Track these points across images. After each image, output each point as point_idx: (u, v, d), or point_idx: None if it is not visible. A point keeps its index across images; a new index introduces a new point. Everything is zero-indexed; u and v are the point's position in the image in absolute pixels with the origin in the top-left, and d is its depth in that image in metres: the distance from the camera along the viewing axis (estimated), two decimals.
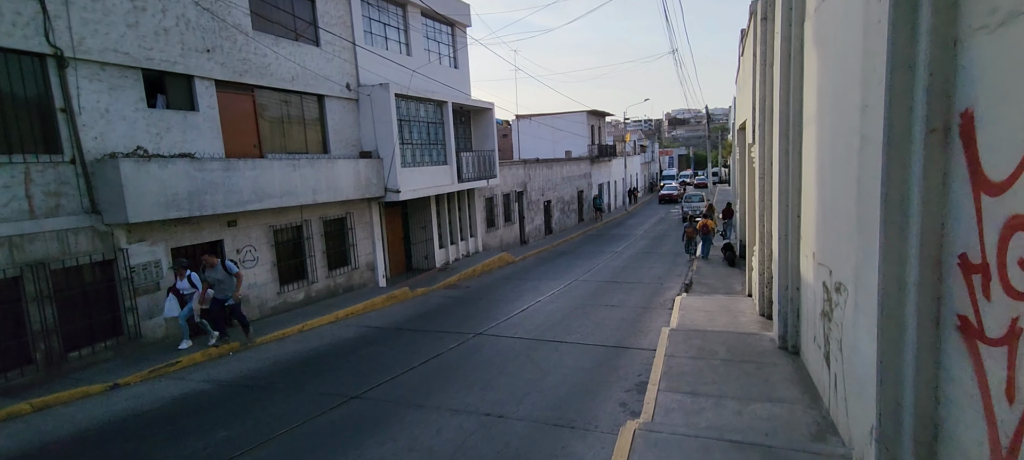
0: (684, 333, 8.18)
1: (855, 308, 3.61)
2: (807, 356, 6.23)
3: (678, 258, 19.31)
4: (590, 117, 39.00)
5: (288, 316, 11.44)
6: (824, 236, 5.25)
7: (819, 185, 5.42)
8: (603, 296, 13.47)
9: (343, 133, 13.88)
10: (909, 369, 2.75)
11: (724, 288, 13.41)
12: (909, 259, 2.73)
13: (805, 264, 6.19)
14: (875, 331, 2.96)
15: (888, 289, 2.85)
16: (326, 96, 13.24)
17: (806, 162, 6.11)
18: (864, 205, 3.33)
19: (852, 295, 3.89)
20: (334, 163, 12.65)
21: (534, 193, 27.15)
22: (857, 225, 3.62)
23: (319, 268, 12.90)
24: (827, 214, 5.12)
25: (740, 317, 9.84)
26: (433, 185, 16.48)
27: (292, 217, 12.16)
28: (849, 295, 4.34)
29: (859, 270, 3.50)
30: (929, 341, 2.67)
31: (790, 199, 6.61)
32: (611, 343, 9.33)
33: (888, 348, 2.87)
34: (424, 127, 16.43)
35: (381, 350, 9.34)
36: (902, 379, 2.81)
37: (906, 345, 2.78)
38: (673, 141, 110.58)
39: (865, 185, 3.32)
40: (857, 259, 3.64)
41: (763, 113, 9.38)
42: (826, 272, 5.14)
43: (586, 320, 11.08)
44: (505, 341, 9.67)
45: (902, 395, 2.82)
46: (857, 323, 3.54)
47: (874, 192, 3.05)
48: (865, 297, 3.31)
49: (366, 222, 14.66)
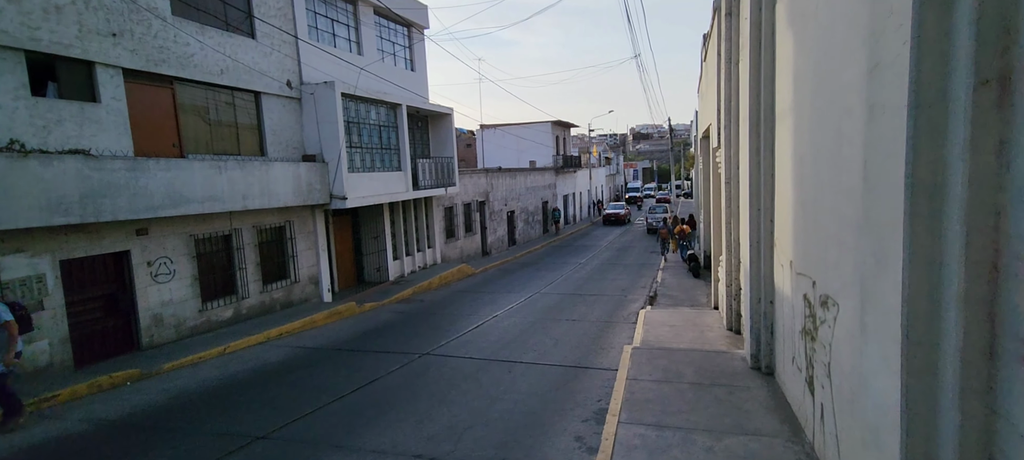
0: (648, 352, 7.42)
1: (862, 331, 2.86)
2: (784, 379, 5.53)
3: (643, 269, 18.80)
4: (555, 127, 38.62)
5: (211, 337, 10.13)
6: (804, 242, 4.55)
7: (797, 183, 4.75)
8: (564, 310, 12.67)
9: (283, 135, 12.70)
10: (949, 416, 2.00)
11: (689, 300, 12.84)
12: (947, 265, 1.99)
13: (780, 274, 5.52)
14: (897, 362, 2.21)
15: (916, 307, 2.10)
16: (263, 93, 12.06)
17: (780, 160, 5.46)
18: (875, 196, 2.59)
19: (853, 314, 3.15)
20: (269, 166, 11.46)
21: (497, 203, 26.31)
22: (860, 224, 2.89)
23: (251, 282, 11.61)
24: (808, 216, 4.42)
25: (707, 332, 9.18)
26: (385, 192, 15.41)
27: (219, 225, 10.88)
28: (840, 311, 3.62)
29: (865, 281, 2.75)
30: (979, 377, 1.92)
31: (762, 202, 5.95)
32: (570, 362, 8.49)
33: (917, 386, 2.11)
34: (375, 130, 15.37)
35: (310, 375, 8.21)
36: (938, 430, 2.06)
37: (943, 383, 2.03)
38: (638, 155, 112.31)
39: (876, 169, 2.59)
40: (860, 267, 2.90)
41: (729, 114, 8.83)
42: (807, 283, 4.44)
43: (545, 336, 10.23)
44: (453, 362, 8.70)
45: (938, 452, 2.06)
46: (865, 351, 2.79)
47: (892, 176, 2.31)
48: (878, 316, 2.56)
49: (309, 231, 13.45)
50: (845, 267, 3.46)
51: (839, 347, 3.64)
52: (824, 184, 3.94)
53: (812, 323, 4.30)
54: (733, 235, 9.02)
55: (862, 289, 2.84)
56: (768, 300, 6.02)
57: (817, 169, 4.12)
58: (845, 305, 3.51)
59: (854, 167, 3.12)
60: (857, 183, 3.01)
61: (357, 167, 14.43)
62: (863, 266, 2.80)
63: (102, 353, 8.79)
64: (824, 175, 3.96)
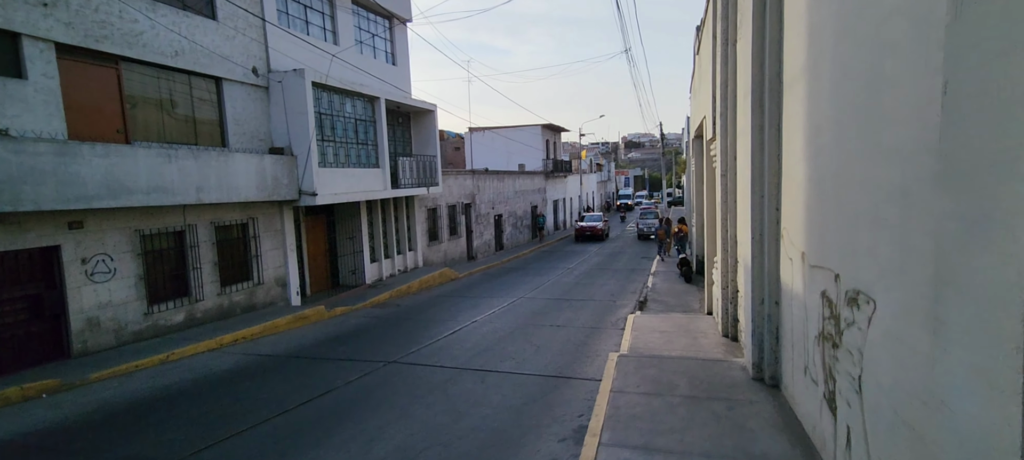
0: (636, 360, 6.59)
1: (935, 332, 2.06)
2: (794, 392, 4.72)
3: (633, 274, 18.05)
4: (545, 131, 37.97)
5: (157, 342, 9.17)
6: (822, 227, 3.77)
7: (812, 158, 3.97)
8: (549, 315, 11.84)
9: (248, 124, 11.80)
10: None
11: (681, 306, 12.07)
12: None
13: (789, 269, 4.73)
14: (1012, 380, 1.42)
15: None
16: (225, 79, 11.18)
17: (789, 135, 4.68)
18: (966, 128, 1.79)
19: (904, 310, 2.36)
20: (229, 157, 10.56)
21: (483, 206, 25.49)
22: (936, 177, 2.09)
23: (207, 283, 10.66)
24: (827, 195, 3.64)
25: (701, 339, 8.38)
26: (361, 189, 14.53)
27: (171, 220, 9.95)
28: (876, 310, 2.82)
29: (947, 258, 1.95)
30: None
31: (766, 187, 5.17)
32: (550, 371, 7.65)
33: None
34: (351, 124, 14.51)
35: (258, 386, 7.29)
36: None
37: None
38: (629, 163, 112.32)
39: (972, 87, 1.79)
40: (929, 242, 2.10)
41: (725, 100, 8.10)
42: (826, 278, 3.65)
43: (525, 343, 9.39)
44: (421, 371, 7.82)
45: None
46: (942, 361, 1.99)
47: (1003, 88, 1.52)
48: (970, 309, 1.76)
49: (275, 230, 12.53)
50: (885, 251, 2.67)
51: (876, 355, 2.84)
52: (852, 152, 3.16)
53: (834, 326, 3.50)
54: (729, 233, 8.25)
55: (937, 271, 2.04)
56: (773, 300, 5.22)
57: (842, 135, 3.34)
58: (885, 301, 2.71)
59: (907, 113, 2.33)
60: (915, 132, 2.23)
61: (330, 162, 13.55)
62: (942, 237, 2.00)
63: (24, 361, 7.81)
64: (852, 140, 3.17)
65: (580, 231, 29.84)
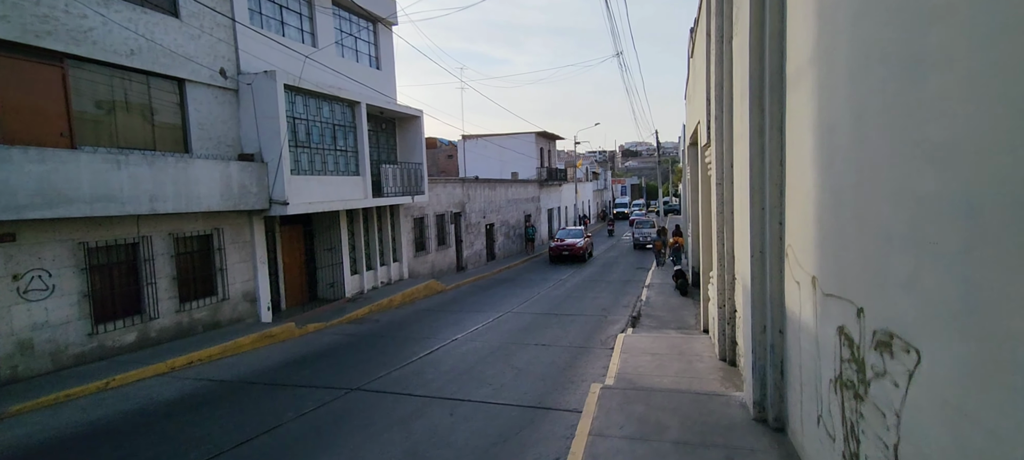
0: (622, 394, 5.84)
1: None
2: (803, 440, 3.99)
3: (627, 286, 17.33)
4: (539, 139, 37.38)
5: (102, 366, 8.38)
6: (839, 248, 3.06)
7: (825, 164, 3.27)
8: (535, 332, 11.10)
9: (214, 129, 11.09)
10: None
11: (676, 321, 11.36)
12: None
13: (795, 295, 4.01)
14: None
15: None
16: (188, 81, 10.47)
17: (795, 138, 3.99)
18: None
19: (1001, 389, 1.63)
20: (188, 163, 9.82)
21: (474, 215, 24.77)
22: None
23: (164, 300, 9.88)
24: (846, 207, 2.94)
25: (696, 363, 7.65)
26: (339, 198, 13.79)
27: (122, 231, 9.19)
28: (921, 363, 2.10)
29: None
30: None
31: (768, 198, 4.47)
32: (529, 401, 6.90)
33: None
34: (329, 130, 13.81)
35: (198, 419, 6.51)
36: None
37: None
38: (626, 172, 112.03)
39: None
40: None
41: (720, 102, 7.44)
42: (845, 311, 2.94)
43: (505, 366, 8.64)
44: (387, 401, 7.06)
45: None
46: None
47: None
48: None
49: (244, 241, 11.77)
50: (934, 285, 1.96)
51: (921, 423, 2.12)
52: (880, 154, 2.46)
53: (856, 373, 2.77)
54: (726, 246, 7.56)
55: None
56: (776, 329, 4.50)
57: (864, 134, 2.64)
58: (936, 353, 1.99)
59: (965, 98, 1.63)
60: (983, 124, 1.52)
61: (304, 169, 12.83)
62: None
63: None
64: (879, 140, 2.47)
65: (555, 251, 23.97)
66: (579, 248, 23.94)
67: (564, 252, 23.95)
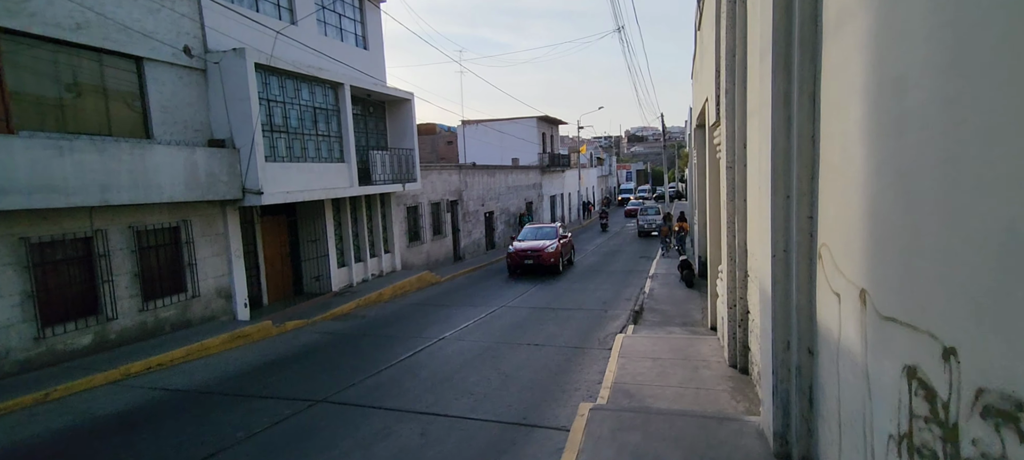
0: (615, 417, 4.98)
1: None
2: None
3: (630, 277, 16.45)
4: (541, 124, 36.30)
5: (49, 374, 7.64)
6: (911, 252, 2.16)
7: (885, 134, 2.35)
8: (529, 330, 10.28)
9: (180, 113, 10.23)
10: None
11: (681, 317, 10.50)
12: None
13: (833, 309, 3.12)
14: None
15: None
16: (147, 60, 9.60)
17: (833, 102, 3.06)
18: None
19: None
20: (146, 150, 8.99)
21: (472, 203, 23.89)
22: None
23: (124, 298, 9.12)
24: (924, 198, 2.03)
25: (702, 370, 6.79)
26: (321, 187, 12.95)
27: (73, 225, 8.41)
28: None
29: None
30: None
31: (795, 183, 3.56)
32: (512, 415, 6.08)
33: None
34: (309, 113, 12.92)
35: (130, 442, 5.73)
36: None
37: None
38: (632, 157, 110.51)
39: None
40: None
41: (731, 72, 6.48)
42: (921, 345, 2.05)
43: (492, 370, 7.83)
44: (353, 416, 6.26)
45: None
46: None
47: None
48: None
49: (217, 234, 10.97)
50: None
51: None
52: (996, 112, 1.55)
53: (942, 441, 1.89)
54: (738, 238, 6.66)
55: None
56: (805, 347, 3.61)
57: (963, 87, 1.72)
58: None
59: None
60: None
61: (281, 156, 11.98)
62: None
63: None
64: (989, 91, 1.56)
65: (516, 259, 16.77)
66: (548, 255, 16.54)
67: (526, 261, 16.62)
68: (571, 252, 19.44)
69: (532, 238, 18.05)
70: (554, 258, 16.87)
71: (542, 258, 16.70)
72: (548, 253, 16.80)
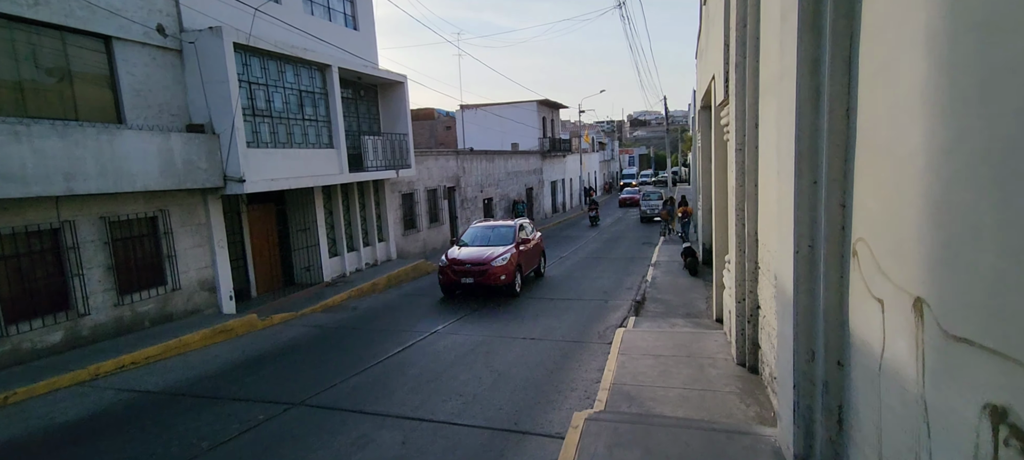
0: (612, 429, 4.48)
1: None
2: None
3: (632, 264, 15.95)
4: (542, 108, 35.53)
5: (13, 374, 7.20)
6: (1004, 259, 1.59)
7: (962, 103, 1.78)
8: (526, 322, 9.80)
9: (154, 96, 9.66)
10: None
11: (684, 307, 10.00)
12: None
13: (873, 318, 2.59)
14: None
15: None
16: (116, 39, 9.01)
17: (879, 64, 2.49)
18: None
19: None
20: (115, 135, 8.45)
21: (470, 189, 23.34)
22: None
23: (98, 292, 8.65)
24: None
25: (709, 369, 6.29)
26: (308, 174, 12.41)
27: (37, 216, 7.91)
28: None
29: None
30: None
31: (825, 166, 3.01)
32: (502, 420, 5.61)
33: None
34: (294, 96, 12.33)
35: (85, 454, 5.28)
36: None
37: None
38: (635, 141, 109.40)
39: None
40: None
41: (742, 44, 5.89)
42: (1014, 381, 1.50)
43: (484, 368, 7.36)
44: (331, 422, 5.80)
45: None
46: None
47: None
48: None
49: (198, 223, 10.46)
50: None
51: None
52: None
53: None
54: (747, 227, 6.11)
55: None
56: (834, 359, 3.09)
57: None
58: None
59: None
60: None
61: (265, 141, 11.42)
62: None
63: None
64: None
65: (449, 277, 11.85)
66: (496, 271, 11.46)
67: (465, 280, 11.60)
68: (541, 260, 14.19)
69: (479, 243, 12.67)
70: (505, 274, 11.50)
71: (488, 276, 11.38)
72: (497, 268, 11.43)
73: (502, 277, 11.52)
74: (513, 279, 11.74)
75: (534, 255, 13.52)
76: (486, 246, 12.39)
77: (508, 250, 12.00)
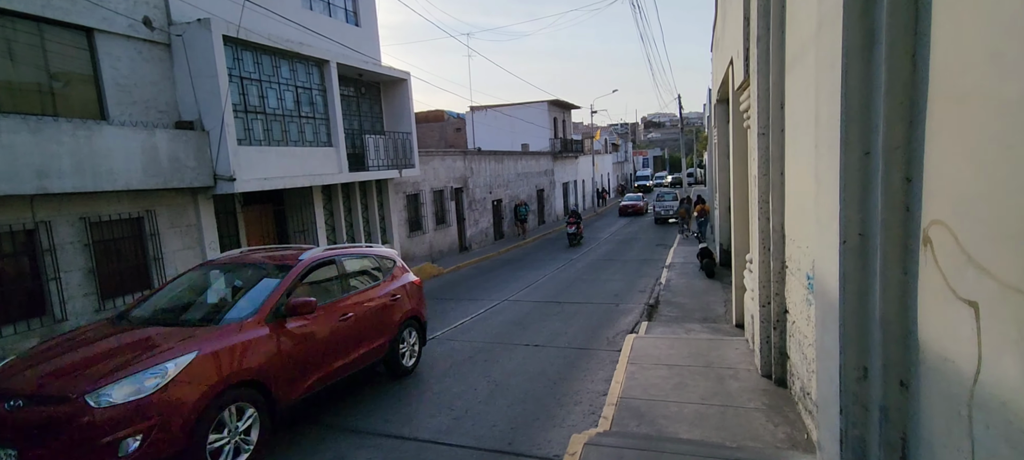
0: (617, 455, 3.82)
1: None
2: None
3: (645, 266, 15.22)
4: (553, 108, 34.90)
5: None
6: None
7: None
8: (530, 327, 9.17)
9: (140, 92, 9.26)
10: None
11: (701, 311, 9.28)
12: None
13: (958, 327, 1.90)
14: None
15: None
16: (98, 31, 8.61)
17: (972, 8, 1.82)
18: None
19: None
20: (94, 131, 8.03)
21: (478, 190, 22.77)
22: None
23: (78, 297, 8.23)
24: None
25: (730, 381, 5.59)
26: (305, 173, 11.94)
27: (9, 215, 7.49)
28: None
29: None
30: None
31: (882, 133, 2.33)
32: (494, 441, 4.98)
33: None
34: (290, 93, 11.88)
35: None
36: None
37: None
38: (649, 143, 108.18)
39: None
40: None
41: (765, 14, 5.22)
42: None
43: (481, 378, 6.75)
44: (306, 438, 5.22)
45: None
46: None
47: None
48: None
49: (188, 225, 10.03)
50: None
51: None
52: None
53: None
54: (772, 221, 5.41)
55: None
56: (896, 379, 2.41)
57: None
58: None
59: None
60: None
61: (258, 139, 10.97)
62: None
63: None
64: None
65: None
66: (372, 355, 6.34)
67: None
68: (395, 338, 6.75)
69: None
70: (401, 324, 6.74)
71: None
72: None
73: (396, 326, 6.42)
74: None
75: (350, 339, 5.84)
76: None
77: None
